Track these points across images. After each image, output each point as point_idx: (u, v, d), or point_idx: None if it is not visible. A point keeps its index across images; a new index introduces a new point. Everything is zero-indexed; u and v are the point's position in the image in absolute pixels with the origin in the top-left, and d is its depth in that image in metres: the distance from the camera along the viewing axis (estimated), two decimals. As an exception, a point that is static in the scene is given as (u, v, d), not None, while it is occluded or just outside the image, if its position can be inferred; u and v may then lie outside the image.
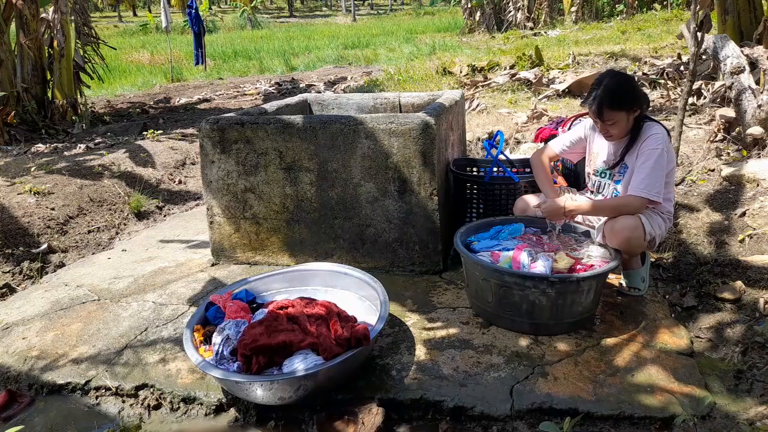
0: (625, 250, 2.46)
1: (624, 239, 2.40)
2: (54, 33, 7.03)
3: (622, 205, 2.45)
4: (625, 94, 2.39)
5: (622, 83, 2.41)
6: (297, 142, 2.89)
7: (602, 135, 2.54)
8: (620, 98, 2.37)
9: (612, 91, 2.37)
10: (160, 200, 4.61)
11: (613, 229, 2.44)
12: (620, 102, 2.37)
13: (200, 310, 2.34)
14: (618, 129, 2.44)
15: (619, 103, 2.37)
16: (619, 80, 2.42)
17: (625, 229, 2.40)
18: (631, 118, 2.43)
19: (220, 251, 3.18)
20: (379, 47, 14.72)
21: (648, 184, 2.38)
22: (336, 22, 26.73)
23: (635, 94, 2.41)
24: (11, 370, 2.31)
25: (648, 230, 2.44)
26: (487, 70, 8.71)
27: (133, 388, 2.17)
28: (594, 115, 2.45)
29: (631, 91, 2.41)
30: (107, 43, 8.48)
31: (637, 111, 2.42)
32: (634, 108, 2.40)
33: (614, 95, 2.37)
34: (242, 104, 8.60)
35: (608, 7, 17.87)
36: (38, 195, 4.05)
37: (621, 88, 2.39)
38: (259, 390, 1.91)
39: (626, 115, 2.40)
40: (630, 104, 2.39)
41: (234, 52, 15.13)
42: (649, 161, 2.38)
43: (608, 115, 2.39)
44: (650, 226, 2.45)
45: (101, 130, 6.75)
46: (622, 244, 2.42)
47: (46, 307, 2.80)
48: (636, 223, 2.41)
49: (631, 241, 2.41)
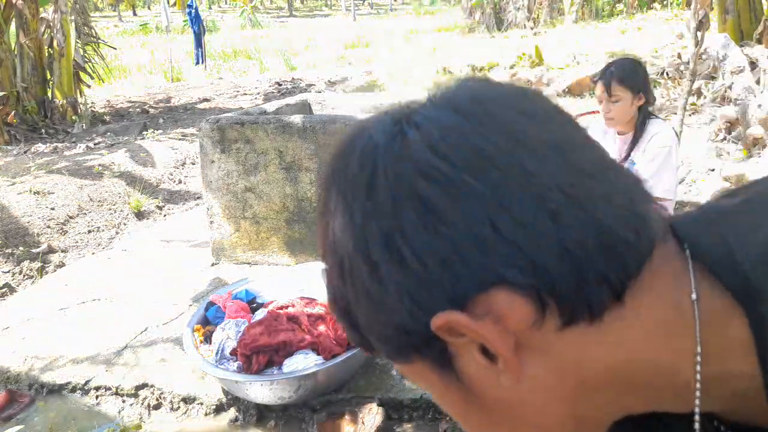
0: None
1: None
2: (54, 33, 7.03)
3: None
4: (636, 73, 2.45)
5: (635, 64, 2.49)
6: (297, 142, 2.89)
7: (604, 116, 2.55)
8: (630, 75, 2.43)
9: (624, 67, 2.46)
10: (160, 200, 4.61)
11: None
12: (630, 79, 2.42)
13: (200, 309, 2.34)
14: (619, 111, 2.45)
15: (628, 80, 2.42)
16: (632, 61, 2.52)
17: None
18: (635, 105, 2.44)
19: (220, 251, 3.17)
20: (380, 47, 14.73)
21: (656, 183, 2.39)
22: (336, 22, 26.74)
23: (644, 80, 2.47)
24: (11, 370, 2.31)
25: None
26: (487, 70, 8.71)
27: (133, 387, 2.17)
28: (602, 89, 2.48)
29: (642, 73, 2.47)
30: (107, 43, 8.48)
31: (642, 99, 2.44)
32: (640, 92, 2.43)
33: (625, 71, 2.44)
34: (242, 104, 8.60)
35: (608, 6, 17.87)
36: (38, 195, 4.05)
37: (633, 67, 2.46)
38: (260, 389, 1.91)
39: (631, 97, 2.43)
40: (637, 86, 2.43)
41: (234, 51, 15.13)
42: (658, 159, 2.40)
43: (615, 90, 2.42)
44: None
45: (101, 130, 6.75)
46: None
47: (46, 307, 2.80)
48: None
49: None
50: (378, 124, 0.42)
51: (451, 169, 0.38)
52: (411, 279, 0.38)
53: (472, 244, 0.37)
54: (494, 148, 0.38)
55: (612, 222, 0.39)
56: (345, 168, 0.41)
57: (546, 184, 0.38)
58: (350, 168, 0.41)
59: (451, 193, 0.38)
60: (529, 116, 0.41)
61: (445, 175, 0.38)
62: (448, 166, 0.38)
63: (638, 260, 0.40)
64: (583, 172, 0.40)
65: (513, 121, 0.40)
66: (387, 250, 0.38)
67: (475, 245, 0.37)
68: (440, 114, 0.41)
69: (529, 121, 0.41)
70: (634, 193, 0.42)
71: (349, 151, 0.42)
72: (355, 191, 0.40)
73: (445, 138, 0.39)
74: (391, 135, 0.40)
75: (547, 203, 0.38)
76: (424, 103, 0.43)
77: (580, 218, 0.38)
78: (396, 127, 0.41)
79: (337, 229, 0.41)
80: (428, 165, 0.38)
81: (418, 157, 0.39)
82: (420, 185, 0.38)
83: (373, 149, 0.40)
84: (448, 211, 0.38)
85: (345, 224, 0.40)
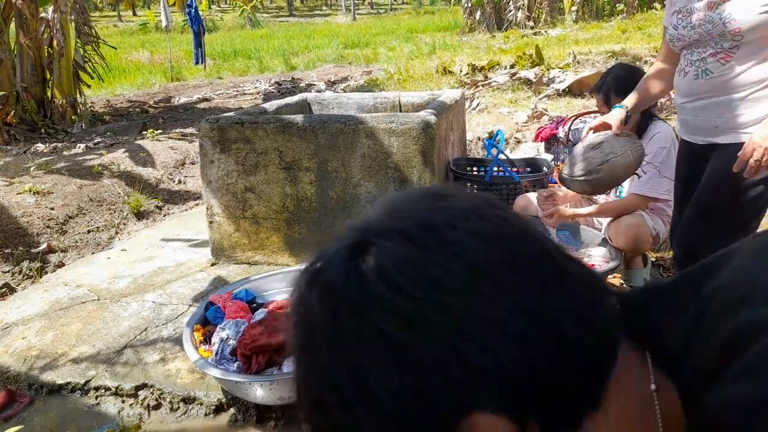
0: (630, 249, 2.48)
1: (631, 237, 2.42)
2: (53, 32, 7.02)
3: (623, 206, 2.47)
4: (633, 80, 2.43)
5: (631, 73, 2.48)
6: (297, 142, 2.89)
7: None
8: (628, 84, 2.41)
9: (621, 78, 2.45)
10: (159, 200, 4.60)
11: (618, 229, 2.45)
12: (628, 88, 2.40)
13: (200, 309, 2.34)
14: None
15: (627, 89, 2.39)
16: (628, 70, 2.51)
17: (631, 227, 2.42)
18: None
19: (219, 251, 3.17)
20: (379, 46, 14.71)
21: (653, 184, 2.40)
22: (336, 21, 26.72)
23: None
24: (11, 370, 2.31)
25: (651, 225, 2.46)
26: (487, 70, 8.71)
27: (132, 387, 2.17)
28: (601, 102, 2.48)
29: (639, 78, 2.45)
30: (107, 43, 8.46)
31: None
32: None
33: (622, 83, 2.42)
34: (242, 104, 8.60)
35: (608, 6, 17.86)
36: (38, 195, 4.05)
37: (629, 75, 2.46)
38: (259, 390, 1.91)
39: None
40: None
41: (234, 51, 15.12)
42: (657, 159, 2.40)
43: (614, 102, 2.41)
44: (652, 222, 2.48)
45: (101, 130, 6.74)
46: (629, 242, 2.43)
47: (45, 306, 2.80)
48: (639, 220, 2.43)
49: (638, 237, 2.42)
50: (334, 262, 0.41)
51: (410, 304, 0.38)
52: (387, 416, 0.38)
53: (442, 377, 0.37)
54: (451, 278, 0.38)
55: (576, 333, 0.39)
56: (307, 311, 0.41)
57: (507, 308, 0.38)
58: (312, 311, 0.41)
59: (413, 328, 0.37)
60: (483, 237, 0.41)
61: (406, 310, 0.38)
62: (408, 301, 0.38)
63: (608, 365, 0.41)
64: (543, 286, 0.40)
65: (466, 244, 0.40)
66: (358, 390, 0.38)
67: (446, 377, 0.37)
68: (394, 245, 0.40)
69: (483, 242, 0.40)
70: (591, 293, 0.42)
71: (308, 292, 0.42)
72: (321, 334, 0.40)
73: (401, 272, 0.39)
74: (347, 275, 0.40)
75: (510, 327, 0.38)
76: (376, 228, 0.42)
77: (545, 337, 0.38)
78: (351, 263, 0.40)
79: (309, 370, 0.41)
80: (388, 302, 0.38)
81: (377, 294, 0.38)
82: (382, 323, 0.38)
83: (331, 291, 0.40)
84: (413, 347, 0.37)
85: (316, 366, 0.40)
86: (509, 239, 0.42)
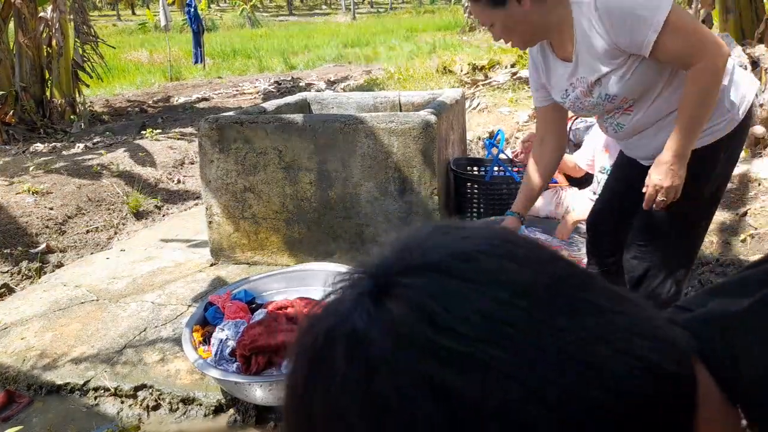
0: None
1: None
2: (53, 32, 7.01)
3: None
4: None
5: None
6: (296, 142, 2.88)
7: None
8: None
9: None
10: (159, 200, 4.59)
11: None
12: None
13: (199, 310, 2.33)
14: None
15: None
16: None
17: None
18: None
19: (219, 251, 3.16)
20: (379, 46, 14.70)
21: None
22: (336, 21, 26.70)
23: None
24: (10, 370, 2.30)
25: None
26: (487, 69, 8.70)
27: (132, 388, 2.16)
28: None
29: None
30: (106, 42, 8.45)
31: None
32: None
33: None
34: (241, 103, 8.59)
35: (608, 5, 17.86)
36: (37, 195, 4.04)
37: None
38: (259, 390, 1.90)
39: None
40: None
41: (233, 50, 15.10)
42: None
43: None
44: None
45: (100, 130, 6.73)
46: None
47: (44, 307, 2.79)
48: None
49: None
50: (356, 311, 0.34)
51: (463, 344, 0.31)
52: None
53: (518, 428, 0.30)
54: (507, 309, 0.31)
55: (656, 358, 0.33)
56: (330, 369, 0.33)
57: (580, 335, 0.31)
58: (337, 367, 0.33)
59: (472, 373, 0.30)
60: (522, 262, 0.34)
61: (460, 353, 0.30)
62: (459, 341, 0.31)
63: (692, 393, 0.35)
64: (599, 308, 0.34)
65: (510, 270, 0.33)
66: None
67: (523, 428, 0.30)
68: (429, 281, 0.33)
69: (525, 267, 0.34)
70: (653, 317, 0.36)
71: (327, 345, 0.34)
72: (351, 394, 0.32)
73: (444, 307, 0.32)
74: (374, 319, 0.33)
75: (588, 357, 0.31)
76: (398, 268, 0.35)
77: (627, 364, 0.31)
78: (380, 308, 0.33)
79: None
80: (433, 344, 0.31)
81: (417, 337, 0.31)
82: (430, 370, 0.30)
83: (358, 340, 0.33)
84: (476, 396, 0.30)
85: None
86: (549, 263, 0.37)
